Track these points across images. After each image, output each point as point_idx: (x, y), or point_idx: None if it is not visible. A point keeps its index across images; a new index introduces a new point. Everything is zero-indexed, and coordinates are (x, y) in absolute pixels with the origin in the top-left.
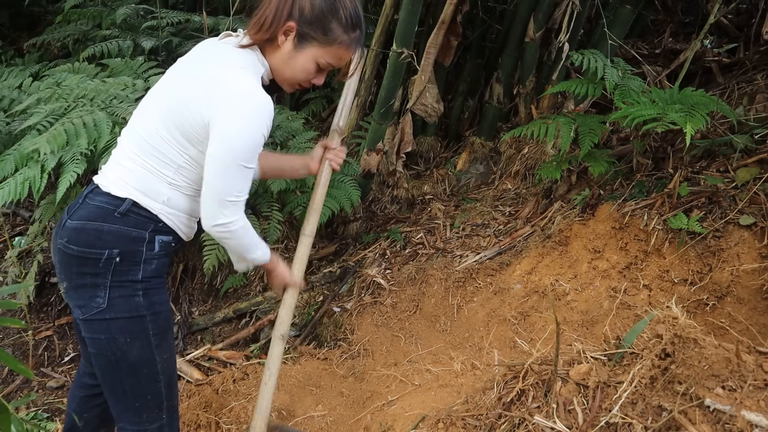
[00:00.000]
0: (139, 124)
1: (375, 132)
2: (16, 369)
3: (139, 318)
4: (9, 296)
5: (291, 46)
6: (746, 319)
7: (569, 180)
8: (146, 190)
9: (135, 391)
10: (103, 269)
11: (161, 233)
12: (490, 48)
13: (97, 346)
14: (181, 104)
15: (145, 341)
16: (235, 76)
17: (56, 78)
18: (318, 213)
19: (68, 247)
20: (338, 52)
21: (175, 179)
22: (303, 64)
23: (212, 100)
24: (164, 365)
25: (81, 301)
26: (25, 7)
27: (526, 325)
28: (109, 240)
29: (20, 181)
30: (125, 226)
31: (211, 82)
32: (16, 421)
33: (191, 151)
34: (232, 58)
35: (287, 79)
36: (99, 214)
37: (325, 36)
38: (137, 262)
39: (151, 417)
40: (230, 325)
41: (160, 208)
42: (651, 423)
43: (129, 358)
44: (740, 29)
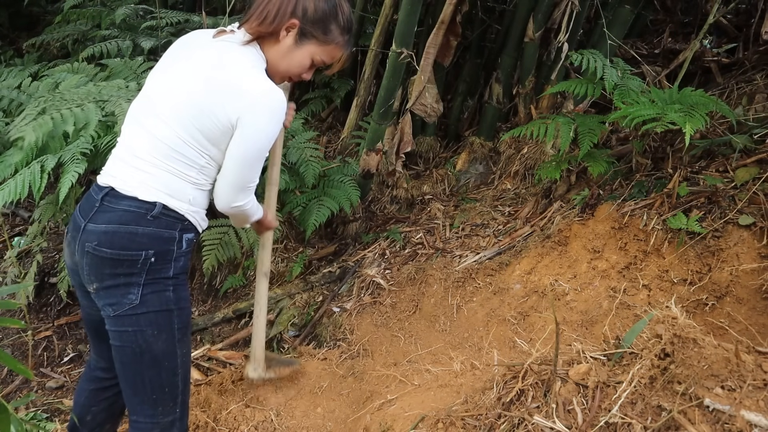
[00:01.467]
0: (154, 128)
1: (374, 132)
2: (16, 369)
3: (167, 312)
4: (8, 296)
5: (292, 41)
6: (745, 319)
7: (569, 180)
8: (173, 192)
9: (154, 383)
10: (139, 269)
11: (187, 231)
12: (490, 48)
13: (123, 339)
14: (204, 110)
15: (170, 334)
16: (253, 78)
17: (55, 78)
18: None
19: (100, 251)
20: (333, 51)
21: (198, 179)
22: (300, 59)
23: (238, 104)
24: (183, 359)
25: (113, 299)
26: (24, 7)
27: (525, 325)
28: (144, 242)
29: (20, 182)
30: (158, 228)
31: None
32: (16, 421)
33: (212, 152)
34: (242, 59)
35: (281, 72)
36: (131, 219)
37: (325, 35)
38: (169, 260)
39: (166, 410)
40: (230, 325)
41: (187, 208)
42: (650, 423)
43: (154, 350)
44: (739, 29)
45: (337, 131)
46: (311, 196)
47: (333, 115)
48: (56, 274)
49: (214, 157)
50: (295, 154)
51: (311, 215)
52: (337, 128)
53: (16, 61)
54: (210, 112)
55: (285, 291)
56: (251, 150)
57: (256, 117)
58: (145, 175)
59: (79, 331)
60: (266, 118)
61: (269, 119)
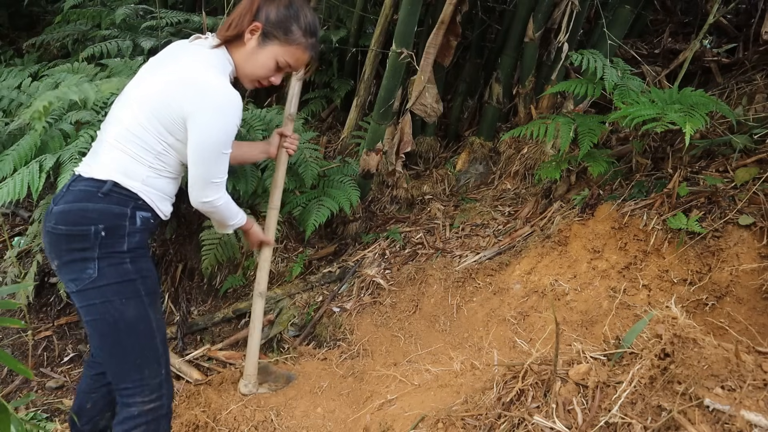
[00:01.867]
0: (122, 115)
1: (374, 132)
2: (16, 369)
3: (130, 281)
4: (8, 296)
5: (255, 43)
6: (745, 319)
7: (568, 180)
8: (127, 172)
9: (135, 348)
10: (91, 243)
11: (141, 209)
12: (490, 48)
13: (93, 312)
14: (162, 101)
15: (139, 300)
16: (205, 75)
17: (55, 78)
18: (280, 189)
19: (56, 228)
20: (296, 53)
21: (154, 163)
22: (264, 61)
23: (188, 97)
24: (158, 324)
25: (73, 274)
26: (24, 7)
27: (525, 325)
28: (93, 217)
29: (19, 181)
30: (108, 204)
31: (185, 80)
32: (16, 421)
33: (169, 140)
34: (202, 59)
35: (248, 75)
36: (83, 196)
37: (286, 36)
38: (122, 235)
39: (152, 372)
40: (230, 325)
41: (139, 187)
42: (650, 423)
43: (126, 317)
44: (739, 29)
45: (337, 131)
46: (311, 196)
47: (333, 115)
48: (56, 275)
49: (172, 146)
50: (294, 154)
51: (311, 215)
52: (337, 128)
53: (16, 61)
54: (166, 103)
55: (285, 291)
56: (204, 145)
57: (203, 113)
58: (105, 158)
59: (79, 331)
60: (213, 114)
61: (216, 116)
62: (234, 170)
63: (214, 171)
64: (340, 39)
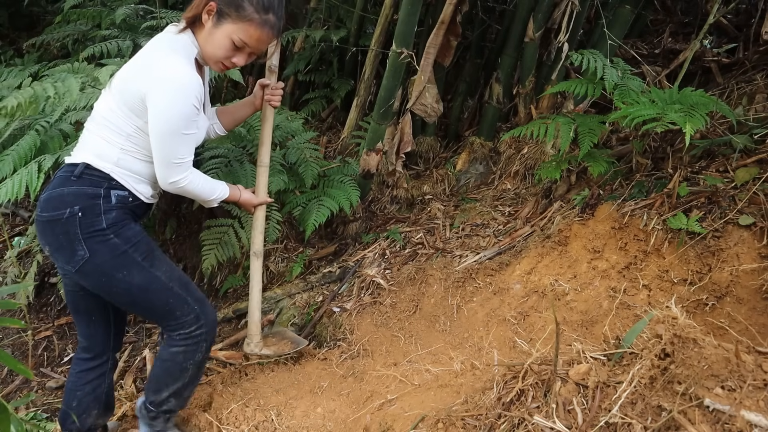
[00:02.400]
0: (98, 104)
1: (374, 132)
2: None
3: (123, 253)
4: (8, 296)
5: (211, 24)
6: (746, 319)
7: (569, 180)
8: (99, 153)
9: (157, 304)
10: (71, 225)
11: (116, 189)
12: (490, 48)
13: (105, 289)
14: (126, 83)
15: (138, 267)
16: (164, 58)
17: (56, 78)
18: (268, 145)
19: (41, 216)
20: (249, 30)
21: (125, 145)
22: (220, 40)
23: (146, 78)
24: (168, 275)
25: (66, 258)
26: (24, 7)
27: (525, 325)
28: (69, 200)
29: (18, 181)
30: (81, 186)
31: (144, 64)
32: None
33: (138, 122)
34: (165, 43)
35: (211, 56)
36: (59, 182)
37: (237, 13)
38: (97, 213)
39: (184, 311)
40: (230, 325)
41: (111, 167)
42: (650, 423)
43: (135, 284)
44: (739, 29)
45: (337, 131)
46: (311, 196)
47: (333, 115)
48: (56, 274)
49: (141, 128)
50: (294, 154)
51: (311, 215)
52: (337, 128)
53: (16, 61)
54: (129, 86)
55: (285, 291)
56: (160, 125)
57: (157, 94)
58: (81, 144)
59: None
60: (166, 95)
61: (173, 97)
62: (234, 170)
63: (174, 151)
64: (341, 39)
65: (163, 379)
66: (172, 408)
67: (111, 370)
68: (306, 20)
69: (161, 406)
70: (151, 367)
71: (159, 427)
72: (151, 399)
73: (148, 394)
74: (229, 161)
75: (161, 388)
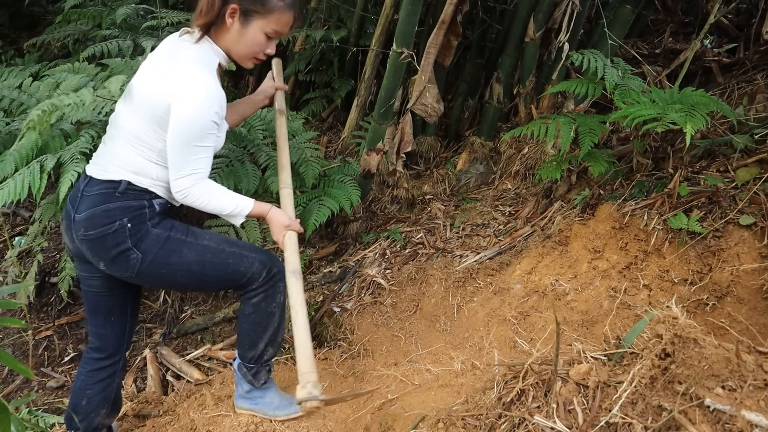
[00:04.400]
0: (125, 120)
1: (375, 132)
2: (16, 369)
3: (167, 239)
4: (9, 296)
5: (239, 24)
6: (746, 318)
7: (569, 180)
8: (137, 170)
9: (220, 269)
10: (120, 236)
11: (156, 198)
12: (490, 48)
13: (169, 279)
14: (152, 102)
15: (187, 244)
16: (188, 69)
17: (56, 78)
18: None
19: (87, 235)
20: (280, 18)
21: (158, 160)
22: (253, 36)
23: (170, 91)
24: (214, 240)
25: (123, 267)
26: (25, 7)
27: (526, 325)
28: (116, 214)
29: (20, 182)
30: (127, 200)
31: (169, 76)
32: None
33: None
34: (186, 54)
35: (245, 55)
36: (102, 199)
37: (264, 7)
38: (144, 221)
39: (246, 264)
40: (230, 325)
41: (150, 182)
42: (651, 423)
43: (193, 261)
44: (740, 29)
45: (338, 131)
46: (311, 195)
47: (333, 115)
48: (57, 274)
49: None
50: (295, 154)
51: (311, 215)
52: (338, 128)
53: (16, 60)
54: (156, 99)
55: None
56: (178, 135)
57: (181, 105)
58: (117, 159)
59: (79, 330)
60: (190, 106)
61: (194, 108)
62: (236, 170)
63: (187, 161)
64: (341, 39)
65: (254, 331)
66: (271, 356)
67: (122, 370)
68: (306, 20)
69: (261, 358)
70: (238, 328)
71: (263, 379)
72: (249, 355)
73: (245, 352)
74: (231, 161)
75: (256, 342)
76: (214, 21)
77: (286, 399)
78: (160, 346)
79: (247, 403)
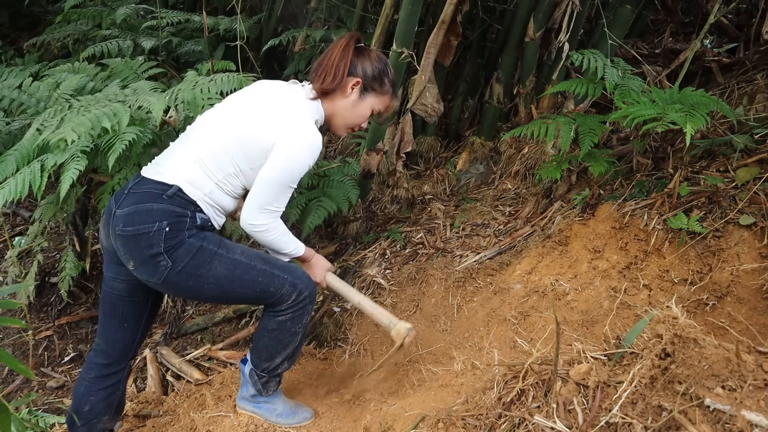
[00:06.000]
0: (205, 135)
1: (375, 132)
2: (16, 369)
3: (200, 249)
4: (9, 296)
5: (357, 96)
6: (746, 318)
7: (569, 180)
8: (193, 182)
9: (249, 286)
10: (156, 239)
11: (200, 212)
12: (490, 48)
13: (196, 291)
14: (252, 132)
15: (218, 257)
16: (300, 117)
17: (56, 78)
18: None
19: (125, 231)
20: (386, 101)
21: (220, 181)
22: (364, 110)
23: (278, 132)
24: (246, 255)
25: (150, 271)
26: (25, 7)
27: (526, 325)
28: (158, 215)
29: (20, 181)
30: (171, 205)
31: (278, 117)
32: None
33: (243, 165)
34: (301, 104)
35: (347, 124)
36: (148, 198)
37: (381, 88)
38: (182, 230)
39: (276, 285)
40: (230, 325)
41: (201, 197)
42: (651, 423)
43: (222, 275)
44: (740, 29)
45: None
46: (311, 196)
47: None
48: (57, 274)
49: (244, 171)
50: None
51: (308, 216)
52: None
53: (16, 60)
54: (256, 132)
55: None
56: (276, 174)
57: (288, 147)
58: (178, 165)
59: (79, 330)
60: (296, 149)
61: (299, 152)
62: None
63: (273, 199)
64: None
65: (274, 347)
66: (285, 370)
67: (126, 377)
68: (306, 20)
69: (275, 371)
70: (257, 337)
71: (272, 389)
72: (264, 366)
73: (260, 362)
74: None
75: (274, 356)
76: (334, 90)
77: (290, 407)
78: (160, 346)
79: (250, 405)
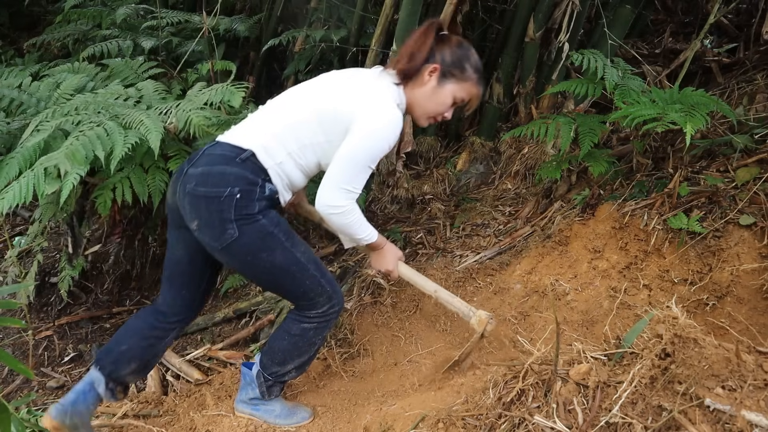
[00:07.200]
0: (288, 103)
1: None
2: (16, 369)
3: (269, 234)
4: (9, 296)
5: (435, 83)
6: (746, 318)
7: (569, 180)
8: (268, 149)
9: (295, 285)
10: (227, 205)
11: (269, 183)
12: (490, 48)
13: (248, 268)
14: (333, 104)
15: (282, 247)
16: (385, 95)
17: (56, 78)
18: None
19: (196, 190)
20: (470, 88)
21: (294, 153)
22: (443, 98)
23: (362, 107)
24: (305, 256)
25: (214, 235)
26: (25, 7)
27: (526, 325)
28: (231, 180)
29: (24, 184)
30: (244, 170)
31: (361, 93)
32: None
33: (318, 138)
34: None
35: (427, 112)
36: (222, 160)
37: (462, 74)
38: (253, 199)
39: (317, 292)
40: (230, 325)
41: (272, 165)
42: (651, 423)
43: (277, 264)
44: (740, 29)
45: None
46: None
47: None
48: (57, 274)
49: (319, 144)
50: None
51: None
52: None
53: (16, 60)
54: (335, 105)
55: None
56: (355, 151)
57: (369, 124)
58: (254, 130)
59: (79, 330)
60: (377, 128)
61: (380, 130)
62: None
63: (351, 178)
64: (341, 39)
65: (290, 352)
66: (291, 378)
67: (171, 340)
68: (306, 20)
69: (283, 377)
70: (275, 339)
71: (275, 393)
72: (273, 370)
73: (271, 365)
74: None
75: (287, 362)
76: (413, 72)
77: (288, 407)
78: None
79: (248, 408)
